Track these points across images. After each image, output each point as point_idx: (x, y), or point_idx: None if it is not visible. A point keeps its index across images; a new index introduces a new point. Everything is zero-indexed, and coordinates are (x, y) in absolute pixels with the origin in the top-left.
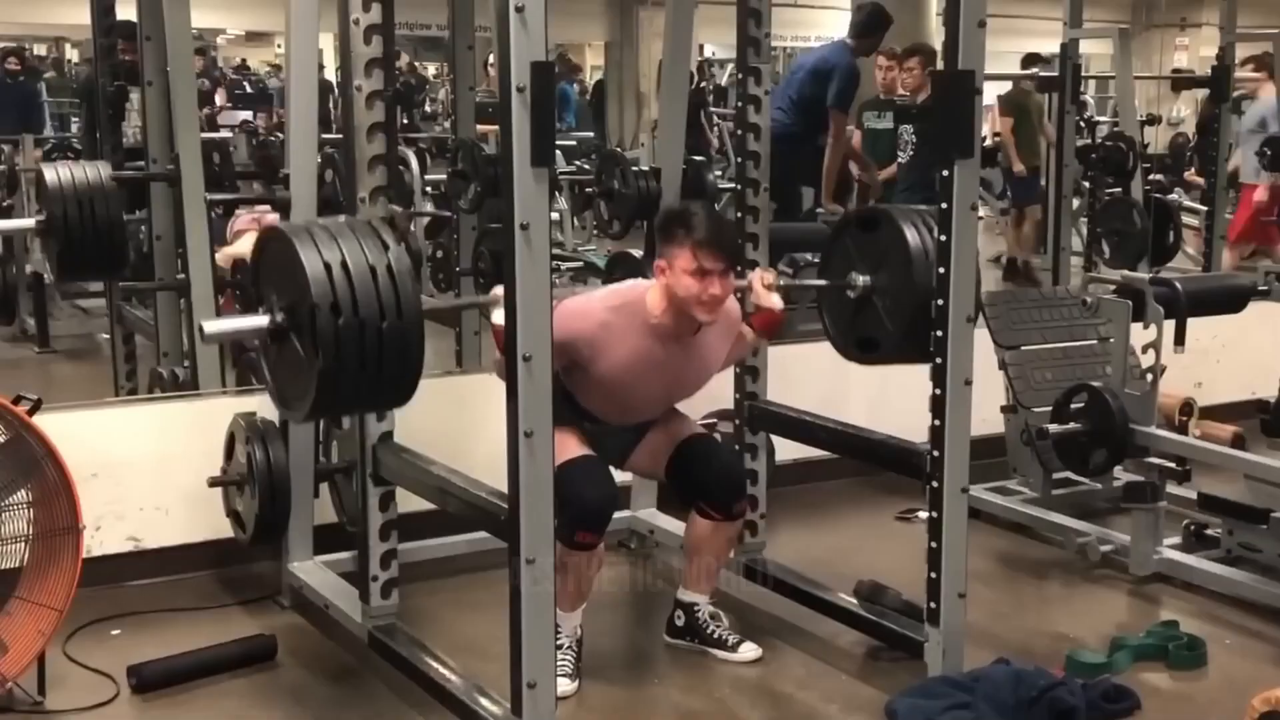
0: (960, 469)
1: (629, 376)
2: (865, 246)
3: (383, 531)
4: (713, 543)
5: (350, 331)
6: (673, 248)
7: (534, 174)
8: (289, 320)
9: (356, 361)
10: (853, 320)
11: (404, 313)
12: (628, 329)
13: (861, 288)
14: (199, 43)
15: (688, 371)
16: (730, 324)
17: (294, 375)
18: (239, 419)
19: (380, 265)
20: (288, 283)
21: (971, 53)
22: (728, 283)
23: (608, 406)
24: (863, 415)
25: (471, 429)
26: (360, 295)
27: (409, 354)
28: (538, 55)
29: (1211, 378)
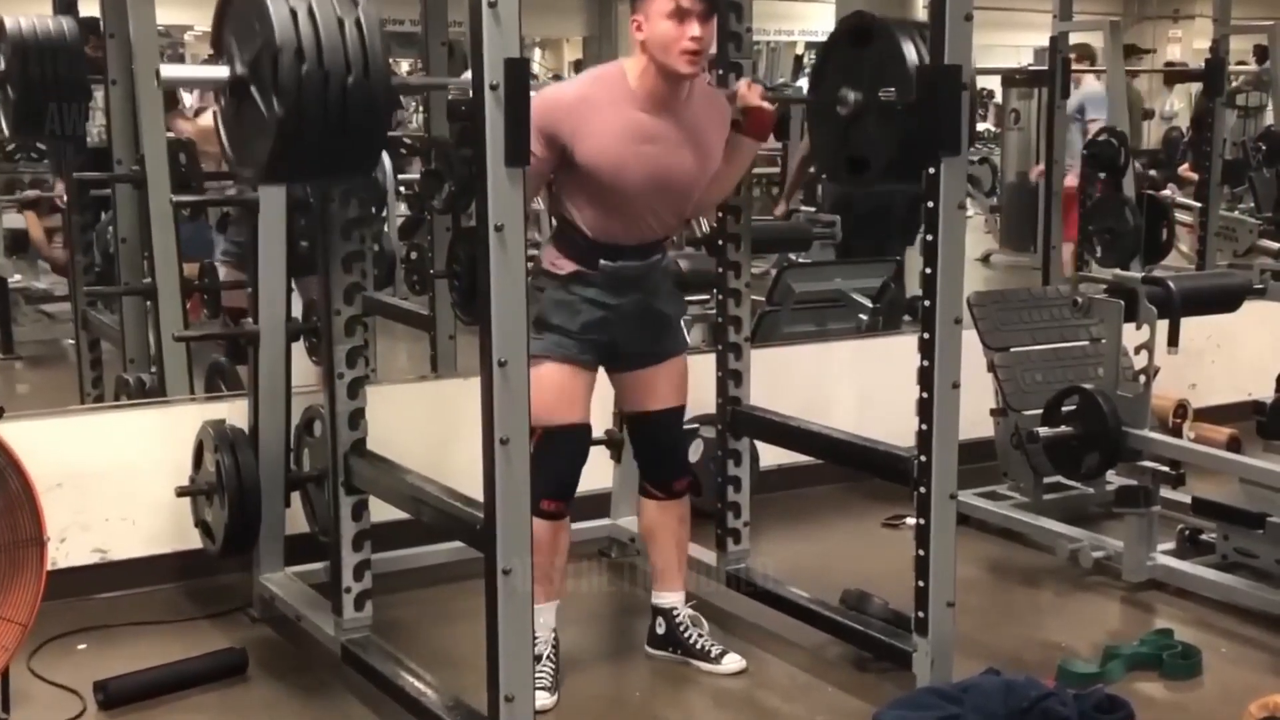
0: (948, 474)
1: (619, 155)
2: (858, 61)
3: (356, 541)
4: (664, 526)
5: (314, 81)
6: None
7: (508, 174)
8: (251, 72)
9: (319, 114)
10: (843, 139)
11: (371, 69)
12: (609, 99)
13: (853, 104)
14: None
15: (682, 151)
16: (720, 108)
17: (253, 133)
18: (207, 426)
19: (349, 18)
20: (251, 32)
21: (958, 47)
22: (709, 26)
23: (610, 216)
24: (848, 420)
25: (446, 436)
26: (326, 44)
27: (374, 114)
28: (511, 52)
29: (1206, 379)
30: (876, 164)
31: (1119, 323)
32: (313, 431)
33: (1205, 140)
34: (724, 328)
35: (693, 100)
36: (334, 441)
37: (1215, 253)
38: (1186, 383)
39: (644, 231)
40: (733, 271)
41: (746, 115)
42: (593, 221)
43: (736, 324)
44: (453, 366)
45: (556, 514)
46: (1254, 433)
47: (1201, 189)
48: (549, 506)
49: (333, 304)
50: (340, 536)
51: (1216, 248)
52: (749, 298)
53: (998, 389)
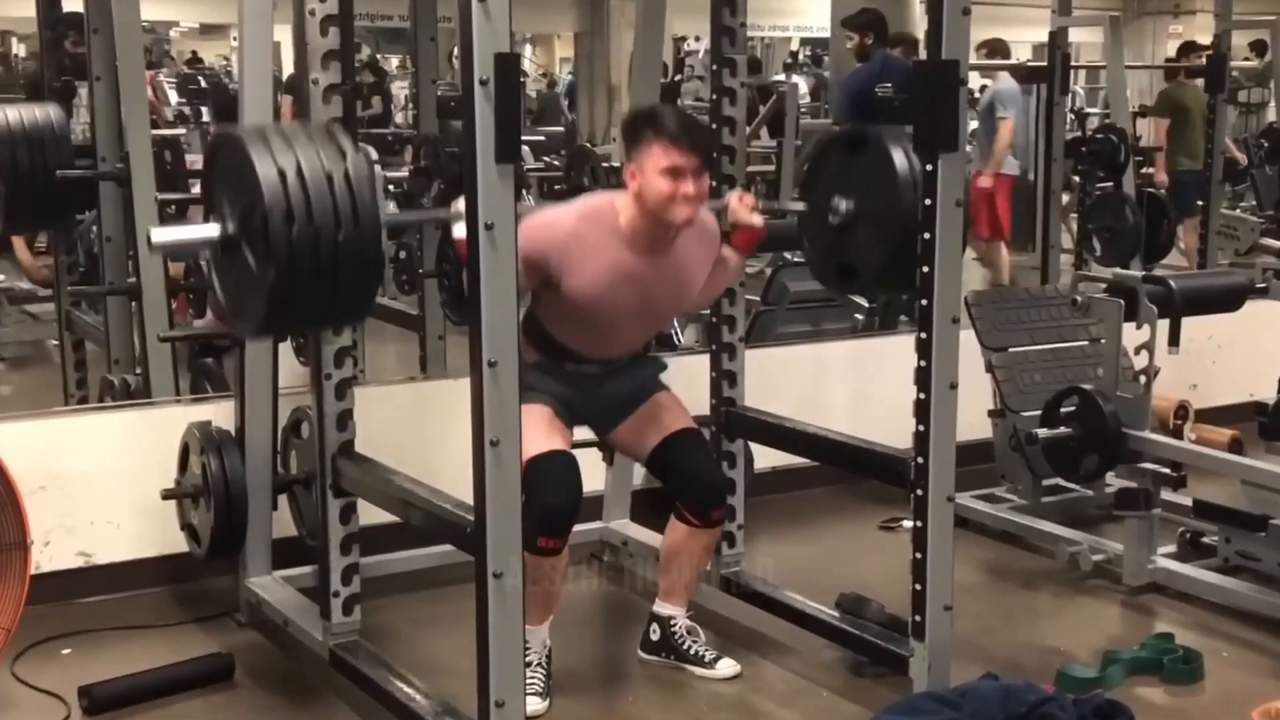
0: (946, 476)
1: (603, 292)
2: (849, 169)
3: (344, 545)
4: (690, 550)
5: (304, 240)
6: (641, 148)
7: (499, 171)
8: (241, 229)
9: (310, 272)
10: (833, 247)
11: (361, 222)
12: (600, 239)
13: (844, 214)
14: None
15: (665, 289)
16: (708, 240)
17: (246, 288)
18: (193, 428)
19: (337, 172)
20: (240, 190)
21: (955, 42)
22: (701, 181)
23: (584, 335)
24: (844, 421)
25: (436, 438)
26: (315, 203)
27: (366, 266)
28: (502, 47)
29: (1207, 379)
30: (866, 273)
31: (1119, 322)
32: (300, 433)
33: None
34: (718, 327)
35: (682, 236)
36: (321, 443)
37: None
38: (1187, 383)
39: (612, 351)
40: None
41: (736, 230)
42: (564, 335)
43: (730, 324)
44: (442, 367)
45: (554, 550)
46: (1256, 434)
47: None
48: (546, 544)
49: None
50: (328, 540)
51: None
52: (743, 297)
53: (996, 390)
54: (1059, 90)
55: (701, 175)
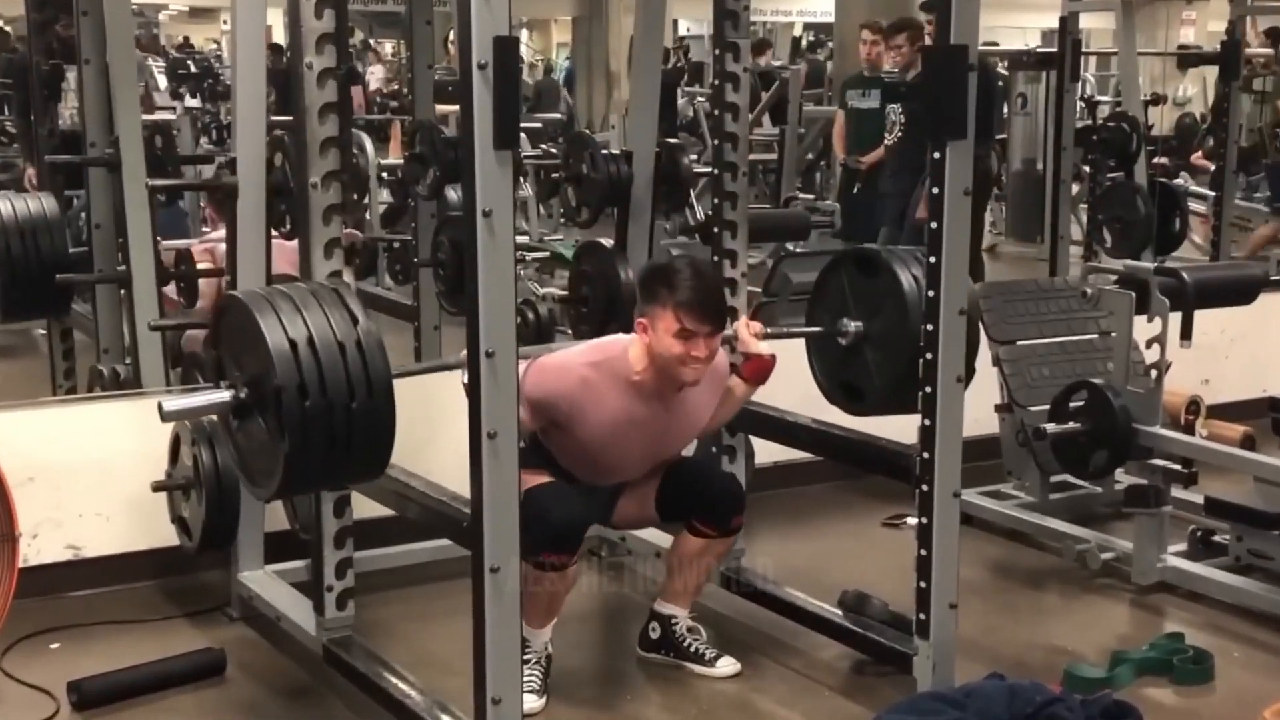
0: (952, 472)
1: (611, 437)
2: (860, 290)
3: (338, 539)
4: (702, 559)
5: (318, 413)
6: (655, 307)
7: (497, 157)
8: (253, 396)
9: (325, 443)
10: (840, 366)
11: (374, 390)
12: (609, 387)
13: (853, 335)
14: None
15: (672, 430)
16: (717, 378)
17: (260, 453)
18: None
19: (349, 341)
20: (250, 356)
21: (965, 27)
22: (713, 343)
23: (587, 468)
24: None
25: (432, 430)
26: (328, 374)
27: (380, 432)
28: (500, 30)
29: (1219, 374)
30: (872, 395)
31: (1130, 315)
32: None
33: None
34: None
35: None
36: None
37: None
38: (1199, 378)
39: (621, 479)
40: (729, 261)
41: (745, 361)
42: (570, 465)
43: (732, 315)
44: (438, 358)
45: (561, 565)
46: (1269, 430)
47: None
48: (552, 559)
49: None
50: (322, 533)
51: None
52: (745, 288)
53: (1003, 383)
54: (1069, 77)
55: (714, 338)
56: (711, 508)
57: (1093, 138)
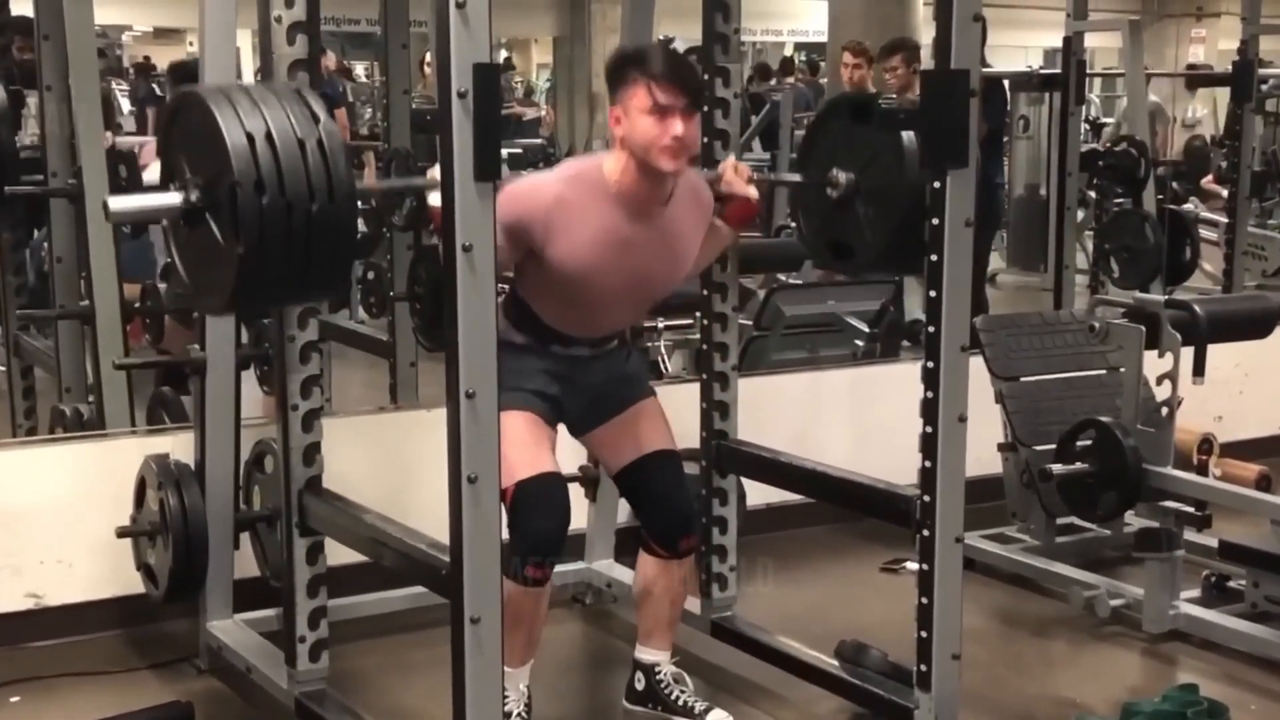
0: (954, 515)
1: (592, 260)
2: (853, 140)
3: (310, 587)
4: (662, 584)
5: (276, 213)
6: (626, 89)
7: (477, 189)
8: (205, 199)
9: (282, 247)
10: (829, 223)
11: (336, 193)
12: (587, 202)
13: (844, 186)
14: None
15: (658, 257)
16: (702, 205)
17: (210, 262)
18: (150, 462)
19: (310, 139)
20: (204, 155)
21: (965, 50)
22: (692, 123)
23: (572, 312)
24: (844, 455)
25: (408, 472)
26: (287, 172)
27: (341, 239)
28: (481, 56)
29: (1234, 411)
30: (863, 252)
31: (1139, 350)
32: (264, 467)
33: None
34: (709, 355)
35: (675, 199)
36: (287, 478)
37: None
38: (1212, 415)
39: (604, 327)
40: (718, 294)
41: (730, 203)
42: (550, 313)
43: (722, 351)
44: (414, 397)
45: (541, 580)
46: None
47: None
48: (534, 573)
49: (286, 329)
50: (294, 581)
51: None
52: (736, 322)
53: (1007, 422)
54: (1074, 99)
55: (691, 116)
56: (655, 523)
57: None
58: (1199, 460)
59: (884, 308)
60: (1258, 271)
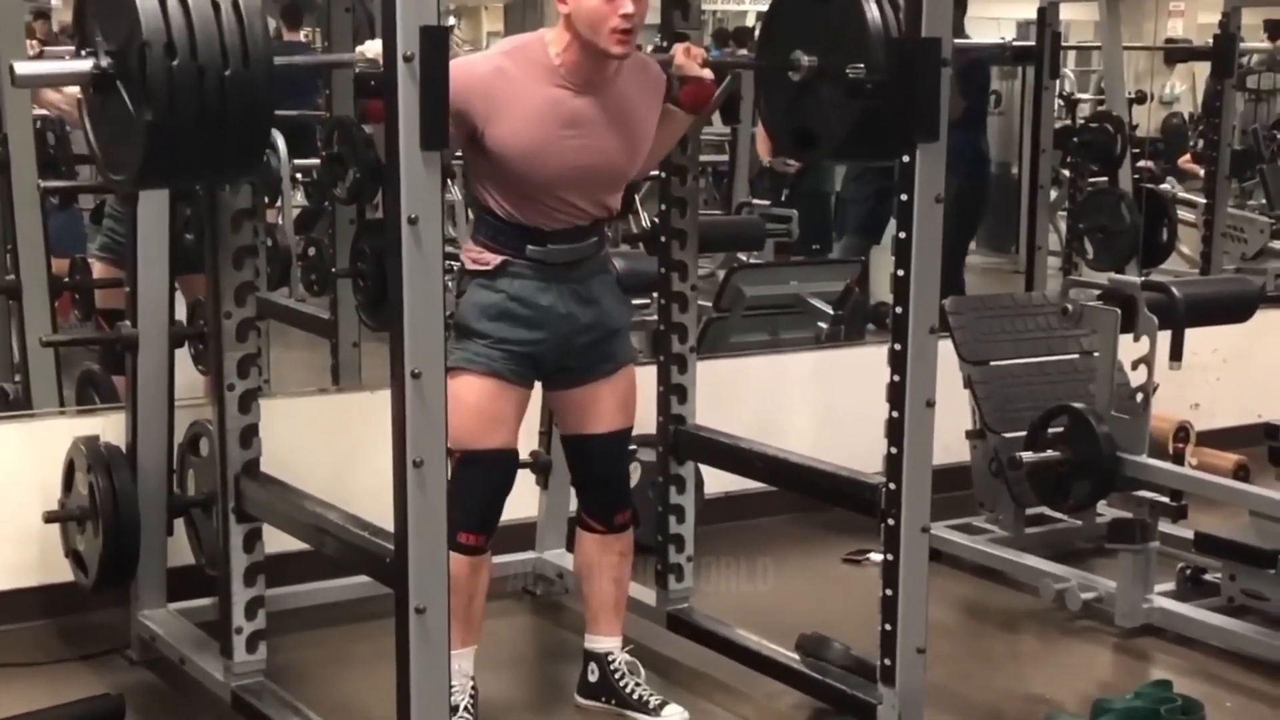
0: (920, 504)
1: (539, 136)
2: (814, 19)
3: (248, 575)
4: (603, 563)
5: (187, 77)
6: None
7: (424, 159)
8: (116, 65)
9: (194, 113)
10: (792, 107)
11: (251, 59)
12: (529, 75)
13: (805, 69)
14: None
15: (611, 134)
16: (653, 83)
17: (122, 132)
18: (79, 444)
19: (225, 1)
20: (115, 20)
21: (936, 17)
22: (641, 3)
23: (532, 201)
24: (806, 442)
25: (351, 457)
26: (200, 35)
27: (256, 108)
28: (428, 19)
29: (1211, 398)
30: (828, 139)
31: (1114, 334)
32: (199, 450)
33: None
34: (666, 337)
35: (622, 75)
36: (223, 462)
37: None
38: (1189, 402)
39: (570, 217)
40: (677, 273)
41: (683, 85)
42: (511, 207)
43: (681, 332)
44: (357, 378)
45: (477, 548)
46: (1265, 460)
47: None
48: (468, 540)
49: (222, 306)
50: (230, 569)
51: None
52: (695, 303)
53: (975, 408)
54: (1048, 74)
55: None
56: (593, 490)
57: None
58: (1175, 449)
59: (849, 288)
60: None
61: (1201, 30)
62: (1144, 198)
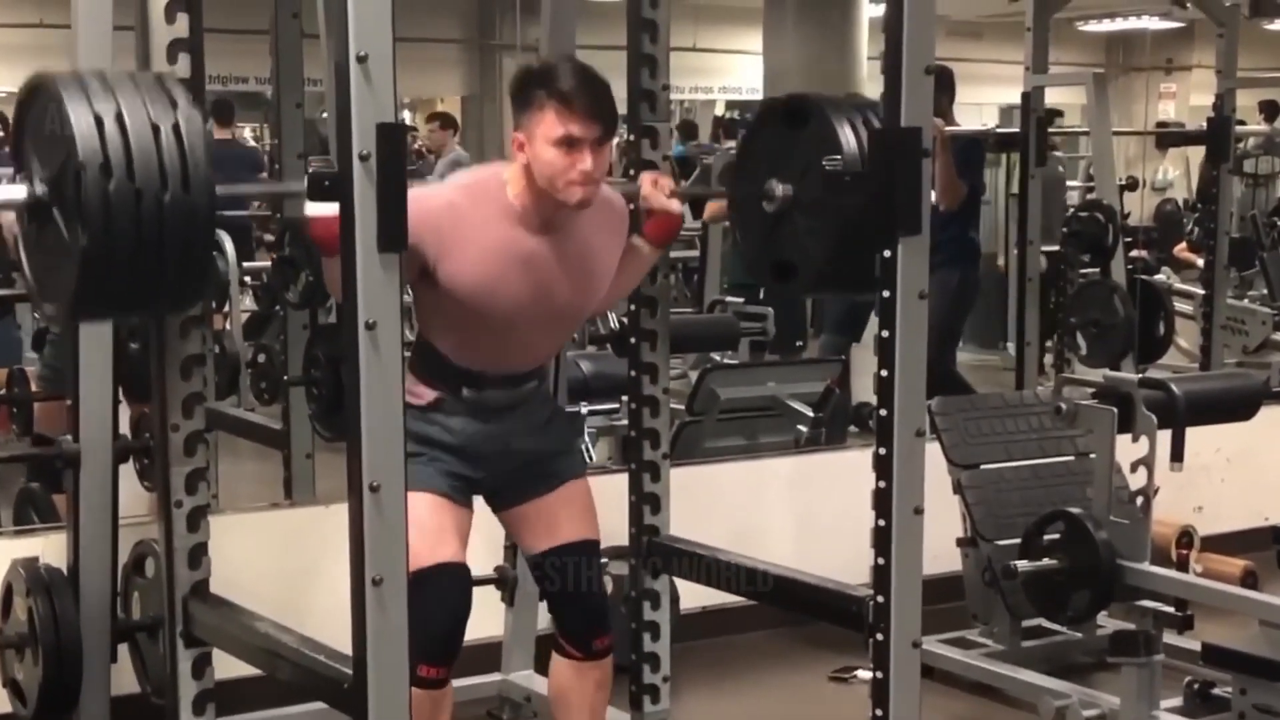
0: (910, 617)
1: (492, 276)
2: (789, 147)
3: (197, 703)
4: (579, 691)
5: (123, 200)
6: (531, 113)
7: (382, 261)
8: (51, 191)
9: (130, 240)
10: (769, 239)
11: (191, 184)
12: (484, 215)
13: (780, 199)
14: None
15: (566, 276)
16: (615, 220)
17: (57, 261)
18: (18, 566)
19: (165, 123)
20: (52, 145)
21: (917, 105)
22: (602, 155)
23: (478, 344)
24: (787, 552)
25: (306, 575)
26: (138, 156)
27: (195, 236)
28: (385, 115)
29: (1215, 500)
30: (806, 271)
31: (1111, 434)
32: (144, 571)
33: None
34: (637, 442)
35: (583, 213)
36: (170, 583)
37: (1222, 349)
38: (1192, 505)
39: (514, 362)
40: (648, 375)
41: (649, 218)
42: (454, 348)
43: (653, 438)
44: (311, 491)
45: (438, 681)
46: (1274, 565)
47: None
48: (429, 673)
49: (168, 418)
50: (178, 697)
51: (1224, 343)
52: (667, 406)
53: (966, 514)
54: (1034, 161)
55: (602, 147)
56: (570, 614)
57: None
58: (1178, 555)
59: (829, 389)
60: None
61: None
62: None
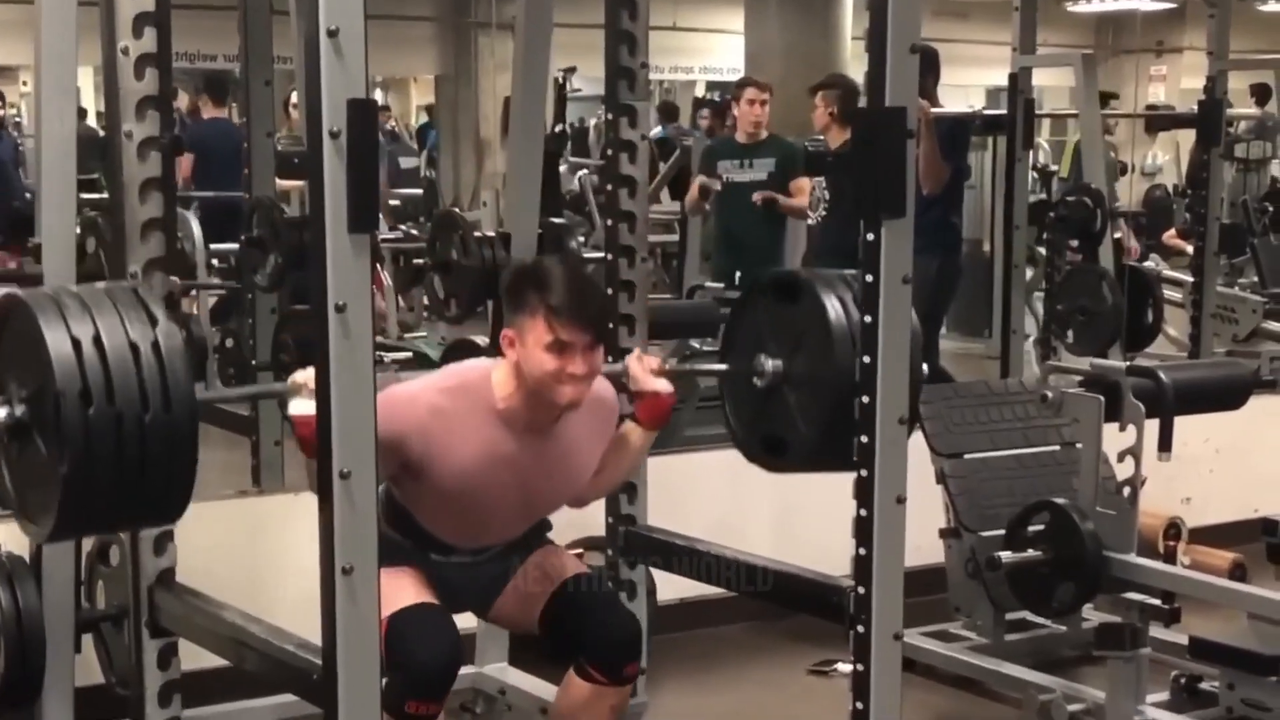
0: (892, 609)
1: (475, 480)
2: (778, 321)
3: (163, 695)
4: (594, 713)
5: (103, 424)
6: (523, 316)
7: (352, 241)
8: (31, 413)
9: (112, 463)
10: (759, 414)
11: (172, 402)
12: (468, 417)
13: (770, 375)
14: None
15: (550, 474)
16: (603, 415)
17: (38, 482)
18: None
19: (144, 342)
20: (30, 366)
21: (901, 85)
22: (593, 358)
23: (453, 525)
24: (766, 542)
25: (274, 565)
26: (117, 379)
27: (179, 454)
28: (356, 91)
29: (1203, 491)
30: (797, 446)
31: (1098, 423)
32: (109, 560)
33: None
34: None
35: (570, 413)
36: (135, 572)
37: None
38: (1180, 496)
39: (488, 540)
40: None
41: (638, 401)
42: (431, 523)
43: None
44: (280, 479)
45: (428, 716)
46: (1262, 557)
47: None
48: (417, 709)
49: None
50: (144, 688)
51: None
52: None
53: (949, 504)
54: (1021, 144)
55: (594, 351)
56: (599, 647)
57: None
58: (1166, 547)
59: None
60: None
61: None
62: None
